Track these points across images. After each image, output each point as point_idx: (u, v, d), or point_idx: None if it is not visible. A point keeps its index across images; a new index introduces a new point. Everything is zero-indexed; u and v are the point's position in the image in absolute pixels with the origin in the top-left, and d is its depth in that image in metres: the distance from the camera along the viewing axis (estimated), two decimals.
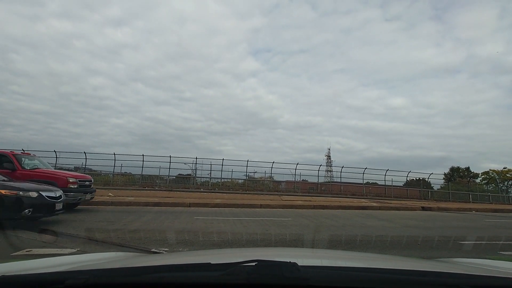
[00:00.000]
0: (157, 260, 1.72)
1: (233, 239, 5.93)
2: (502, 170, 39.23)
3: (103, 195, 13.77)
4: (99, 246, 5.14)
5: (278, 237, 6.28)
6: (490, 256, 4.98)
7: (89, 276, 0.99)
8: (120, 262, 1.62)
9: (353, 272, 1.18)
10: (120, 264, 1.51)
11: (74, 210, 8.99)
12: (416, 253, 5.29)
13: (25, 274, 1.13)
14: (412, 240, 6.43)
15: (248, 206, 12.84)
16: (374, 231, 7.37)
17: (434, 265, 1.65)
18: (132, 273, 1.11)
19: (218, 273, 0.97)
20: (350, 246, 5.71)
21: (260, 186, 28.31)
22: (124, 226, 6.90)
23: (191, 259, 1.72)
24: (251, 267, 0.99)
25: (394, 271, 1.25)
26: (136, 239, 5.62)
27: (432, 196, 29.51)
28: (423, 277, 1.14)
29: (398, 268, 1.38)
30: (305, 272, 0.99)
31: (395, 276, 1.11)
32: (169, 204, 12.09)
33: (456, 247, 5.95)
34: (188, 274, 1.04)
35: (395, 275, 1.13)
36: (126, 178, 27.57)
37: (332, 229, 7.59)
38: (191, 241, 5.60)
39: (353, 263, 1.72)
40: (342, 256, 2.20)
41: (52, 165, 26.49)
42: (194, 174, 28.55)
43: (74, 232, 5.97)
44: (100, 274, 1.08)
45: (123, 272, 1.16)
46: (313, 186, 30.02)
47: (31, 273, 1.16)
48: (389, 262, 1.78)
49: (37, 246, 4.77)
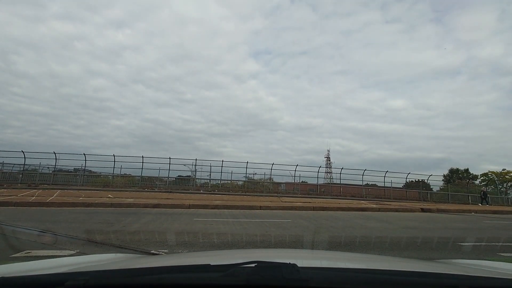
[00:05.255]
0: (157, 262, 1.72)
1: (232, 241, 5.92)
2: (501, 172, 39.29)
3: (102, 197, 13.78)
4: (99, 247, 5.13)
5: (277, 239, 6.27)
6: (490, 257, 4.99)
7: (88, 278, 0.99)
8: (120, 263, 1.61)
9: (352, 273, 1.19)
10: (119, 265, 1.50)
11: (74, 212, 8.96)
12: (416, 254, 5.28)
13: (25, 275, 1.12)
14: (412, 241, 6.43)
15: (247, 208, 12.84)
16: (374, 233, 7.37)
17: (433, 266, 1.65)
18: (132, 275, 1.11)
19: (218, 275, 0.97)
20: (349, 247, 5.71)
21: (259, 188, 28.29)
22: (123, 227, 6.89)
23: (190, 261, 1.72)
24: (251, 268, 1.00)
25: (394, 272, 1.25)
26: (136, 241, 5.61)
27: (432, 198, 29.52)
28: (423, 278, 1.14)
29: (398, 269, 1.39)
30: (305, 273, 0.99)
31: (395, 277, 1.12)
32: (169, 206, 12.08)
33: (455, 248, 5.95)
34: (188, 275, 1.04)
35: (394, 276, 1.13)
36: (125, 180, 27.53)
37: (332, 230, 7.59)
38: (190, 243, 5.59)
39: (352, 264, 1.72)
40: (342, 257, 2.21)
41: (52, 167, 26.53)
42: (194, 175, 28.54)
43: (73, 233, 5.96)
44: (100, 275, 1.09)
45: (123, 273, 1.16)
46: (313, 188, 30.01)
47: (31, 274, 1.16)
48: (388, 263, 1.78)
49: (36, 248, 4.76)
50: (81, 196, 13.58)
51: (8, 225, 6.40)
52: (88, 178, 27.15)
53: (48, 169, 26.55)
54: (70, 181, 25.87)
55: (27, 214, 8.90)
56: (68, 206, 11.19)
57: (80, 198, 12.66)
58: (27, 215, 8.53)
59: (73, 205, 11.26)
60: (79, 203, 11.51)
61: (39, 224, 6.93)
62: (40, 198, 12.18)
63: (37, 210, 9.84)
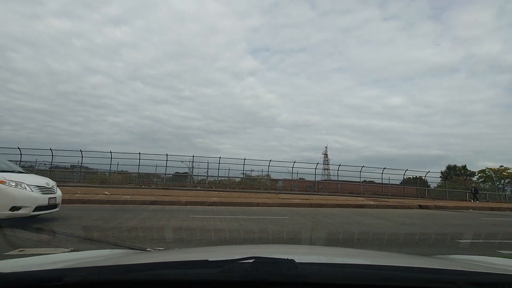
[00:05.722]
0: (154, 258, 1.71)
1: (230, 238, 5.88)
2: (498, 169, 39.49)
3: (98, 194, 13.70)
4: (94, 245, 5.07)
5: (275, 236, 6.24)
6: (488, 254, 4.97)
7: (86, 274, 0.98)
8: (117, 259, 1.60)
9: (351, 269, 1.18)
10: (117, 261, 1.49)
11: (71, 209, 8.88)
12: (414, 250, 5.27)
13: (22, 271, 1.10)
14: (410, 238, 6.43)
15: (245, 205, 12.80)
16: (372, 229, 7.36)
17: (431, 262, 1.65)
18: (129, 270, 1.09)
19: (216, 270, 0.97)
20: (347, 244, 5.67)
21: (257, 184, 28.31)
22: (119, 224, 6.83)
23: (188, 256, 1.71)
24: (249, 264, 0.99)
25: (392, 268, 1.25)
26: (132, 238, 5.55)
27: (429, 194, 29.65)
28: (421, 273, 1.14)
29: (396, 265, 1.38)
30: (303, 269, 0.99)
31: (393, 272, 1.12)
32: (165, 203, 12.02)
33: (453, 245, 5.95)
34: (186, 271, 1.03)
35: (393, 272, 1.13)
36: (123, 177, 27.45)
37: (330, 227, 7.56)
38: (187, 240, 5.54)
39: (351, 259, 1.71)
40: (340, 253, 2.19)
41: (48, 164, 26.35)
42: (191, 172, 28.49)
43: (69, 231, 5.88)
44: (98, 271, 1.08)
45: (121, 269, 1.15)
46: (310, 184, 30.08)
47: (28, 270, 1.14)
48: (387, 259, 1.78)
49: (30, 245, 4.69)
50: (77, 193, 13.48)
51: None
52: (85, 175, 27.04)
53: (45, 166, 26.42)
54: (67, 177, 25.77)
55: None
56: (64, 203, 11.06)
57: (76, 195, 12.55)
58: None
59: (70, 202, 11.15)
60: (76, 199, 11.41)
61: (32, 221, 6.85)
62: None
63: None
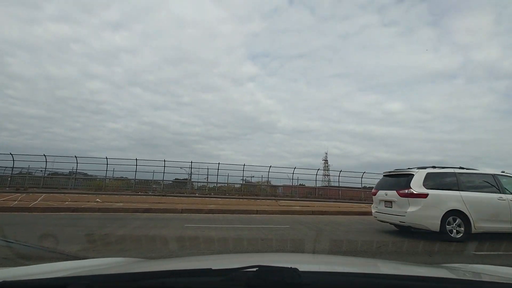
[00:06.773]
0: (158, 265, 1.70)
1: (225, 251, 5.33)
2: None
3: (90, 201, 13.11)
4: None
5: (276, 249, 5.70)
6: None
7: (90, 282, 1.01)
8: (121, 267, 1.59)
9: (354, 278, 1.17)
10: (121, 269, 1.47)
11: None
12: (419, 259, 5.18)
13: (26, 279, 1.12)
14: (414, 245, 6.29)
15: (243, 212, 12.20)
16: (375, 238, 6.82)
17: (435, 271, 1.65)
18: (134, 279, 1.10)
19: (219, 279, 0.98)
20: (352, 256, 5.14)
21: (257, 191, 27.74)
22: (104, 236, 6.25)
23: (192, 265, 1.72)
24: (252, 273, 0.99)
25: (396, 277, 1.25)
26: (117, 250, 5.03)
27: None
28: (424, 282, 1.14)
29: (400, 274, 1.38)
30: (306, 277, 0.99)
31: (397, 281, 1.13)
32: (160, 211, 11.43)
33: (457, 252, 5.84)
34: (189, 280, 1.03)
35: (396, 281, 1.14)
36: (119, 183, 26.82)
37: (334, 238, 6.99)
38: (176, 254, 4.98)
39: (354, 268, 1.69)
40: (344, 261, 2.16)
41: (43, 170, 25.74)
42: (190, 178, 27.91)
43: (47, 244, 5.32)
44: (102, 279, 1.09)
45: (125, 277, 1.16)
46: (311, 191, 29.51)
47: (32, 278, 1.14)
48: (390, 267, 1.76)
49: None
50: (67, 201, 12.89)
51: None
52: (80, 181, 26.43)
53: (41, 172, 25.83)
54: (61, 184, 25.15)
55: (2, 220, 8.22)
56: (52, 211, 10.51)
57: (65, 203, 11.97)
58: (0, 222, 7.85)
59: (58, 210, 10.58)
60: (64, 208, 10.82)
61: (10, 232, 6.28)
62: (23, 203, 11.45)
63: (16, 216, 9.14)
